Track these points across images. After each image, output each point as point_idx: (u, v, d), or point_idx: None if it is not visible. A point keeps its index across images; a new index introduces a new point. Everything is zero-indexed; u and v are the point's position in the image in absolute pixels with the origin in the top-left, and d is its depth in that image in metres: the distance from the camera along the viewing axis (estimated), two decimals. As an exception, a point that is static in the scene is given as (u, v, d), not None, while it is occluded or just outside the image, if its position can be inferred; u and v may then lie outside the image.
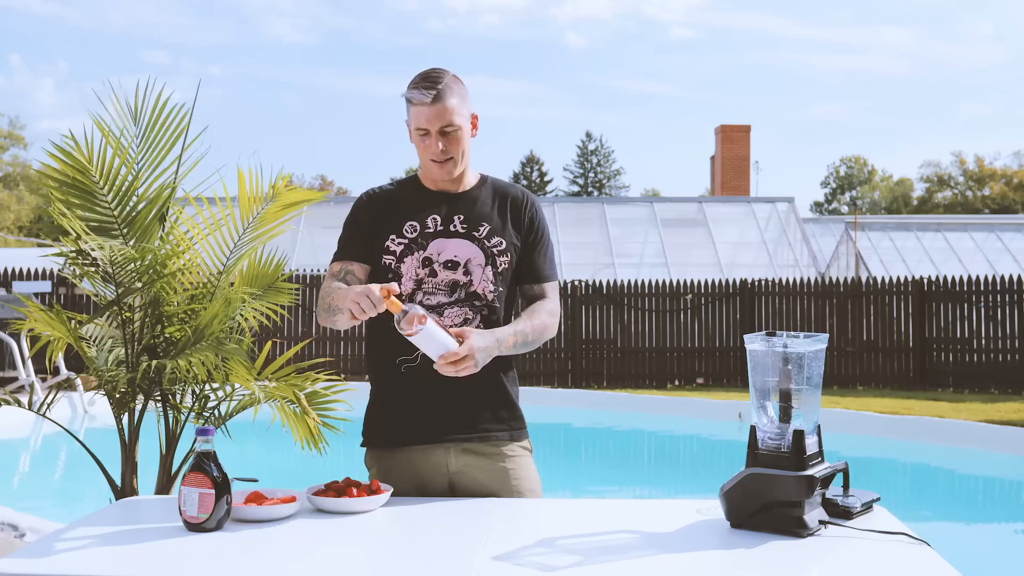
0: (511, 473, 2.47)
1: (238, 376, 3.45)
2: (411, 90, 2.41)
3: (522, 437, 2.54)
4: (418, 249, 2.47)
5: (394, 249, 2.47)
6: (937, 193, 56.29)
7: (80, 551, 1.91)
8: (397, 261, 2.47)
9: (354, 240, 2.51)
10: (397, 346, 2.38)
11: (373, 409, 2.54)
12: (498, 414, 2.50)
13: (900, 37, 79.54)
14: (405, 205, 2.51)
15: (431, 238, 2.48)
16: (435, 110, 2.38)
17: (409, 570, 1.84)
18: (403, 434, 2.47)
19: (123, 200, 3.58)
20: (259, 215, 3.71)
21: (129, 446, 3.61)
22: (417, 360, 2.42)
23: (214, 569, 1.85)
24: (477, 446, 2.47)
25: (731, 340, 14.17)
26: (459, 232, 2.49)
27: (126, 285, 3.48)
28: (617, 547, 1.93)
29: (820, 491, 2.03)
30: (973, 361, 13.48)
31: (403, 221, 2.48)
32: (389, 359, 2.47)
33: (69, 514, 6.12)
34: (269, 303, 3.86)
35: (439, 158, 2.43)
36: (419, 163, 2.55)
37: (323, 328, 14.28)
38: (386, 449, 2.50)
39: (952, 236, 21.30)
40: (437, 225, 2.49)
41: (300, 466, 3.69)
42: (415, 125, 2.42)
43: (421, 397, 2.45)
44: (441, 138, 2.41)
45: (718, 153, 25.43)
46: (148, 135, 3.64)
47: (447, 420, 2.45)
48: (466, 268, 2.48)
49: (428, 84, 2.39)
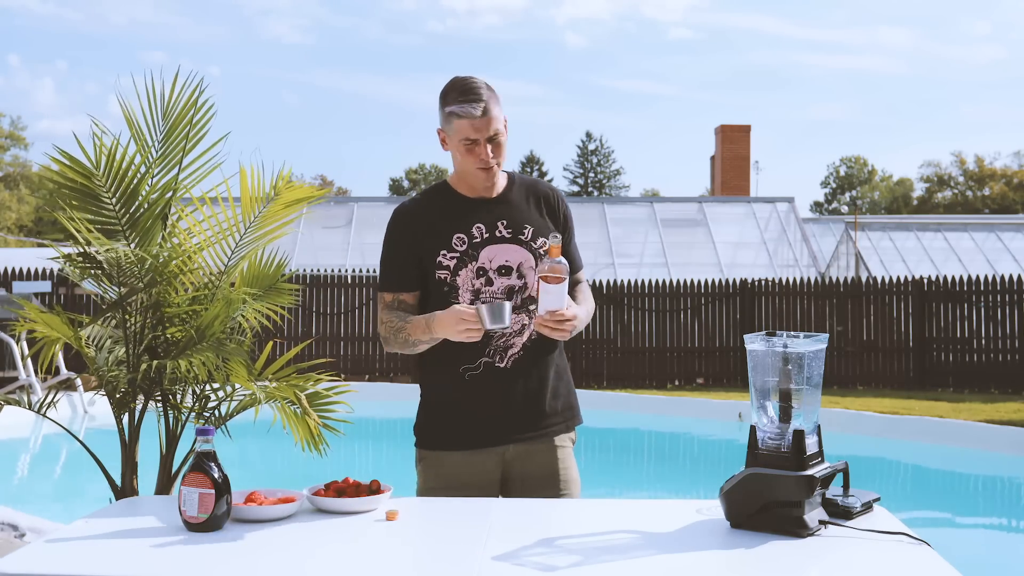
0: (560, 463, 2.59)
1: (238, 376, 3.45)
2: (458, 104, 2.44)
3: (573, 427, 2.67)
4: (470, 260, 2.52)
5: (447, 264, 2.52)
6: (937, 193, 56.29)
7: (80, 551, 1.91)
8: (452, 275, 2.51)
9: (402, 268, 2.55)
10: (460, 354, 2.50)
11: (431, 413, 2.62)
12: (555, 408, 2.61)
13: (899, 37, 79.56)
14: (447, 218, 2.54)
15: (480, 247, 2.53)
16: (484, 121, 2.45)
17: (409, 570, 1.84)
18: (466, 437, 2.55)
19: (128, 201, 3.57)
20: (261, 214, 3.70)
21: (129, 446, 3.60)
22: (480, 368, 2.52)
23: (214, 569, 1.85)
24: (534, 443, 2.58)
25: (731, 340, 14.17)
26: (505, 237, 2.55)
27: (129, 286, 3.48)
28: (617, 547, 1.93)
29: (820, 491, 2.03)
30: (973, 361, 13.47)
31: (450, 234, 2.52)
32: (452, 366, 2.54)
33: (69, 514, 6.12)
34: (270, 304, 3.85)
35: (488, 165, 2.49)
36: (455, 171, 2.58)
37: (323, 328, 14.29)
38: (445, 451, 2.57)
39: (952, 236, 21.29)
40: (483, 233, 2.54)
41: (300, 466, 3.69)
42: (461, 136, 2.46)
43: (486, 402, 2.53)
44: (489, 146, 2.47)
45: (718, 153, 25.42)
46: (172, 131, 3.62)
47: (511, 423, 2.55)
48: (519, 272, 2.55)
49: (474, 97, 2.45)
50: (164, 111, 3.60)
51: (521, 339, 2.54)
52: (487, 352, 2.51)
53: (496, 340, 2.51)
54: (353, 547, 1.97)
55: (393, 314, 2.53)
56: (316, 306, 14.30)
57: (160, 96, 3.59)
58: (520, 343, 2.54)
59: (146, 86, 3.57)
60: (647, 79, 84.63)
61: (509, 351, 2.53)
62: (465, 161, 2.49)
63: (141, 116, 3.58)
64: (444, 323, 2.37)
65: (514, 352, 2.53)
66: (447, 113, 2.47)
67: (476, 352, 2.50)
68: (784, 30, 78.75)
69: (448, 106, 2.46)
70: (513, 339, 2.53)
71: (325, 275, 14.58)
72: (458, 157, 2.51)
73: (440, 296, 2.51)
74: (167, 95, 3.59)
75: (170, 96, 3.59)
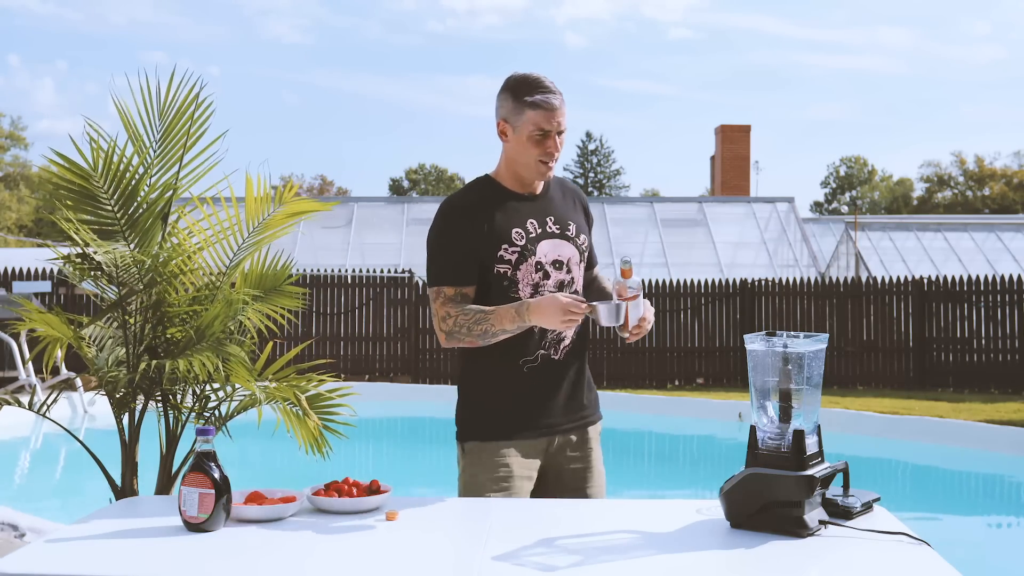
0: (593, 454, 2.68)
1: (239, 377, 3.45)
2: (540, 95, 2.50)
3: (599, 415, 2.76)
4: (529, 255, 2.56)
5: (508, 258, 2.54)
6: (937, 193, 56.30)
7: (80, 551, 1.91)
8: (512, 269, 2.54)
9: (464, 261, 2.54)
10: (520, 347, 2.54)
11: (483, 405, 2.61)
12: (590, 399, 2.72)
13: (899, 37, 79.57)
14: (504, 212, 2.57)
15: (536, 242, 2.58)
16: (560, 112, 2.52)
17: (409, 570, 1.84)
18: (520, 428, 2.57)
19: (127, 202, 3.57)
20: (264, 221, 3.71)
21: (129, 446, 3.60)
22: (538, 361, 2.57)
23: (214, 569, 1.85)
24: (573, 435, 2.65)
25: (731, 340, 14.17)
26: (555, 233, 2.62)
27: (129, 286, 3.48)
28: (617, 547, 1.93)
29: (820, 491, 2.03)
30: (973, 361, 13.47)
31: (509, 229, 2.55)
32: (511, 359, 2.56)
33: (69, 514, 6.12)
34: (274, 305, 3.84)
35: (553, 158, 2.55)
36: (506, 164, 2.60)
37: (323, 328, 14.29)
38: (497, 441, 2.57)
39: (952, 236, 21.29)
40: (536, 228, 2.59)
41: (300, 466, 3.69)
42: (534, 127, 2.50)
43: (541, 393, 2.59)
44: (556, 139, 2.53)
45: (718, 153, 25.42)
46: (170, 130, 3.62)
47: (560, 413, 2.62)
48: (568, 267, 2.63)
49: (551, 90, 2.52)
50: (160, 110, 3.59)
51: (571, 332, 2.61)
52: (544, 345, 2.57)
53: (552, 333, 2.57)
54: (353, 547, 1.97)
55: (461, 307, 2.50)
56: (316, 306, 14.30)
57: (156, 95, 3.58)
58: (570, 336, 2.61)
59: (140, 85, 3.55)
60: (647, 79, 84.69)
61: (562, 344, 2.60)
62: (530, 153, 2.53)
63: (137, 116, 3.57)
64: (545, 311, 2.38)
65: (565, 345, 2.61)
66: (524, 102, 2.50)
67: (535, 345, 2.56)
68: (784, 30, 78.79)
69: (526, 96, 2.50)
70: (565, 332, 2.59)
71: (325, 275, 14.58)
72: (521, 149, 2.54)
73: (499, 291, 2.53)
74: (163, 94, 3.58)
75: (166, 95, 3.58)
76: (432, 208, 19.74)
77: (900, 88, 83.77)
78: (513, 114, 2.53)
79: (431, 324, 14.53)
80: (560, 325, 2.38)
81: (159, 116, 3.60)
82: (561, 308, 2.36)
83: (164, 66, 3.57)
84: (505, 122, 2.56)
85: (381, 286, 14.46)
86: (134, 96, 3.55)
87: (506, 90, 2.56)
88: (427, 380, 14.23)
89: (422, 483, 8.36)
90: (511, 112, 2.54)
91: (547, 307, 2.38)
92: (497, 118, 2.59)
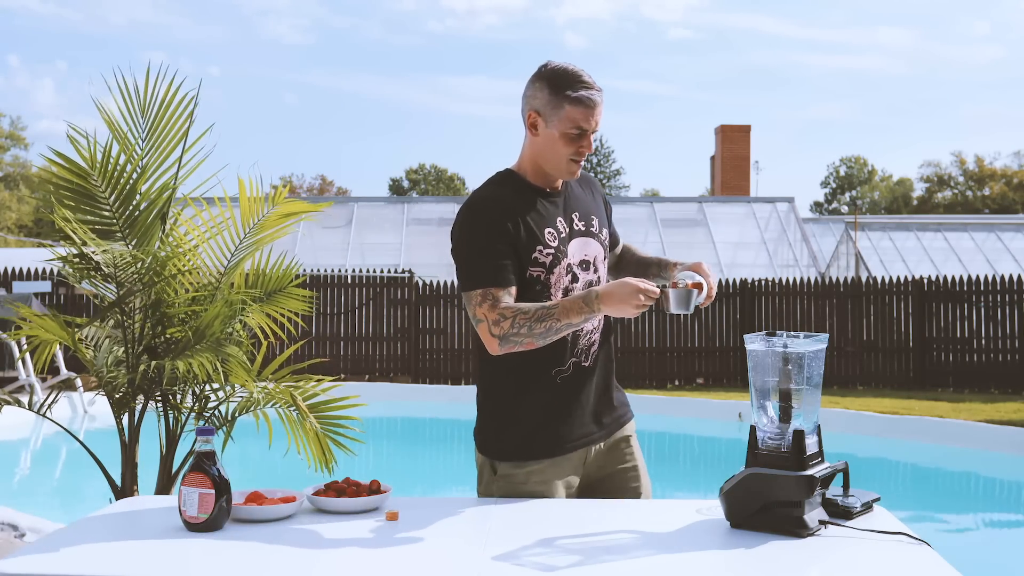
0: (634, 452, 2.57)
1: (237, 377, 3.45)
2: (584, 90, 2.34)
3: (631, 412, 2.63)
4: (562, 257, 2.41)
5: (543, 260, 2.37)
6: (937, 193, 56.29)
7: (80, 551, 1.91)
8: (546, 272, 2.38)
9: (508, 260, 2.34)
10: (552, 356, 2.39)
11: (515, 422, 2.43)
12: (620, 399, 2.60)
13: (898, 37, 79.58)
14: (535, 211, 2.40)
15: (567, 242, 2.43)
16: (598, 110, 2.37)
17: (409, 570, 1.84)
18: (556, 444, 2.42)
19: (125, 201, 3.57)
20: (259, 223, 3.71)
21: (129, 446, 3.60)
22: (570, 369, 2.43)
23: (214, 569, 1.85)
24: (609, 440, 2.53)
25: (731, 340, 14.17)
26: (581, 231, 2.47)
27: (127, 286, 3.48)
28: (617, 547, 1.93)
29: (820, 491, 2.03)
30: (973, 361, 13.47)
31: (542, 228, 2.39)
32: (543, 369, 2.40)
33: (69, 514, 6.12)
34: (280, 308, 3.84)
35: (584, 157, 2.40)
36: (532, 159, 2.43)
37: (323, 328, 14.29)
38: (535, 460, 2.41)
39: (952, 236, 21.29)
40: (565, 227, 2.44)
41: (300, 466, 3.68)
42: (571, 123, 2.34)
43: (576, 403, 2.44)
44: (590, 137, 2.38)
45: (718, 153, 25.42)
46: (155, 128, 3.61)
47: (594, 421, 2.49)
48: (594, 266, 2.49)
49: (590, 84, 2.36)
50: (142, 108, 3.59)
51: (598, 335, 2.48)
52: (576, 352, 2.43)
53: (583, 339, 2.43)
54: (353, 547, 1.96)
55: (517, 307, 2.28)
56: (316, 306, 14.30)
57: (136, 93, 3.58)
58: (598, 339, 2.48)
59: (119, 84, 3.55)
60: (647, 79, 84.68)
61: (592, 349, 2.46)
62: (561, 150, 2.37)
63: (120, 115, 3.57)
64: (617, 297, 2.19)
65: (595, 350, 2.47)
66: (564, 96, 2.33)
67: (567, 353, 2.41)
68: (784, 30, 78.80)
69: (568, 90, 2.33)
70: (594, 336, 2.47)
71: (325, 275, 14.58)
72: (552, 144, 2.37)
73: (531, 296, 2.35)
74: (143, 91, 3.58)
75: (146, 92, 3.58)
76: (432, 208, 19.74)
77: (900, 88, 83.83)
78: (549, 107, 2.35)
79: (431, 324, 14.67)
80: (633, 311, 2.19)
81: (141, 114, 3.59)
82: (636, 292, 2.17)
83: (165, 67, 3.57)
84: (537, 114, 2.37)
85: (381, 286, 14.46)
86: (113, 95, 3.55)
87: (541, 79, 2.37)
88: (427, 380, 14.23)
89: (422, 483, 8.37)
90: (546, 105, 2.35)
91: (619, 292, 2.19)
92: (527, 108, 2.40)
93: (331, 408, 3.62)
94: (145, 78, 3.56)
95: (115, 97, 3.56)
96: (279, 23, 78.32)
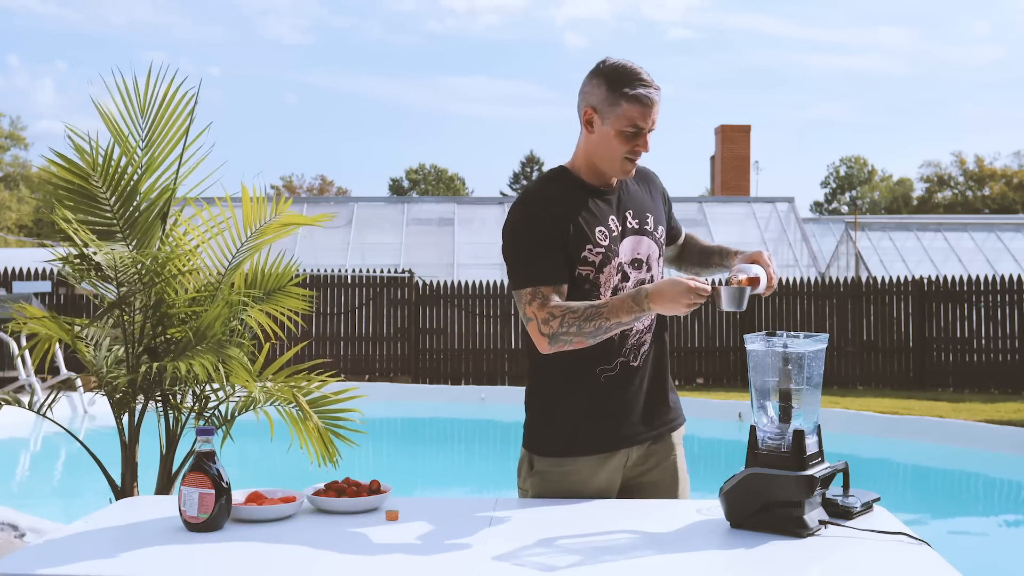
0: (677, 461, 2.54)
1: (238, 377, 3.45)
2: (643, 88, 2.31)
3: (682, 419, 2.58)
4: (613, 256, 2.37)
5: (592, 259, 2.35)
6: (937, 193, 56.28)
7: (80, 551, 1.91)
8: (596, 272, 2.35)
9: (557, 259, 2.32)
10: (598, 356, 2.36)
11: (559, 419, 2.42)
12: (674, 400, 2.56)
13: (898, 37, 79.58)
14: (586, 209, 2.37)
15: (618, 241, 2.40)
16: (656, 109, 2.34)
17: (409, 570, 1.84)
18: (599, 441, 2.41)
19: (126, 202, 3.57)
20: (260, 228, 3.71)
21: (129, 446, 3.60)
22: (616, 369, 2.40)
23: (214, 569, 1.85)
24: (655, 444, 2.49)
25: (731, 340, 14.17)
26: (635, 229, 2.43)
27: (128, 286, 3.48)
28: (617, 547, 1.93)
29: (820, 491, 2.03)
30: (973, 361, 13.48)
31: (593, 227, 2.36)
32: (588, 369, 2.39)
33: (69, 514, 6.12)
34: (280, 308, 3.84)
35: (640, 156, 2.37)
36: (585, 156, 2.41)
37: (323, 328, 14.29)
38: (574, 457, 2.40)
39: (952, 236, 21.29)
40: (617, 226, 2.40)
41: (300, 466, 3.69)
42: (628, 121, 2.31)
43: (622, 403, 2.42)
44: (647, 136, 2.35)
45: (718, 153, 25.42)
46: (155, 128, 3.61)
47: (641, 421, 2.45)
48: (647, 264, 2.45)
49: (648, 82, 2.32)
50: (142, 107, 3.59)
51: (650, 335, 2.45)
52: (623, 351, 2.40)
53: (632, 338, 2.40)
54: (353, 547, 1.96)
55: (566, 306, 2.26)
56: (316, 306, 14.30)
57: (136, 92, 3.57)
58: (649, 339, 2.45)
59: (118, 84, 3.55)
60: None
61: (641, 348, 2.43)
62: (616, 149, 2.34)
63: (119, 115, 3.57)
64: (667, 296, 2.16)
65: (645, 349, 2.44)
66: (622, 94, 2.30)
67: (614, 352, 2.38)
68: (784, 30, 78.80)
69: (625, 87, 2.30)
70: (645, 336, 2.43)
71: (325, 275, 14.58)
72: (607, 143, 2.34)
73: (580, 295, 2.33)
74: (143, 91, 3.57)
75: (145, 91, 3.58)
76: (432, 208, 19.73)
77: (900, 88, 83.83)
78: (606, 104, 2.32)
79: (431, 324, 14.68)
80: (683, 310, 2.16)
81: (141, 114, 3.59)
82: (686, 290, 2.14)
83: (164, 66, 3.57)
84: (593, 111, 2.34)
85: (381, 286, 14.46)
86: (112, 96, 3.54)
87: (599, 76, 2.34)
88: (427, 380, 14.23)
89: (422, 483, 8.37)
90: (603, 101, 2.32)
91: (669, 291, 2.16)
92: (583, 105, 2.37)
93: (332, 402, 3.62)
94: (146, 78, 3.55)
95: (114, 97, 3.55)
96: (279, 23, 78.34)
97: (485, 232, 18.54)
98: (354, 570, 1.86)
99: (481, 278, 14.97)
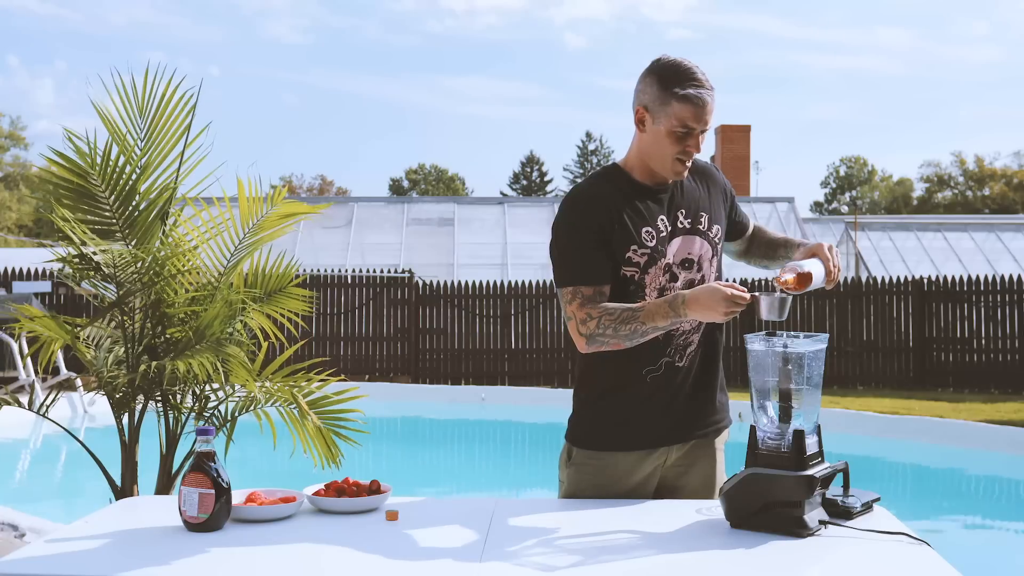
0: (717, 466, 2.50)
1: (238, 377, 3.45)
2: (694, 88, 2.27)
3: (728, 421, 2.56)
4: (659, 257, 2.34)
5: (637, 260, 2.32)
6: (937, 193, 56.27)
7: (80, 551, 1.91)
8: (641, 273, 2.33)
9: (600, 259, 2.31)
10: (642, 355, 2.35)
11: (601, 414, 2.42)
12: (722, 402, 2.53)
13: (897, 37, 79.58)
14: (634, 208, 2.34)
15: (666, 242, 2.36)
16: (708, 109, 2.29)
17: (409, 569, 1.84)
18: (639, 438, 2.40)
19: (125, 201, 3.57)
20: (258, 223, 3.71)
21: (129, 446, 3.60)
22: (661, 369, 2.39)
23: (214, 569, 1.85)
24: (696, 446, 2.47)
25: (731, 340, 14.15)
26: (686, 228, 2.40)
27: (127, 286, 3.48)
28: (617, 547, 1.93)
29: (820, 491, 2.03)
30: (973, 361, 13.48)
31: (639, 227, 2.33)
32: (633, 368, 2.37)
33: (69, 514, 6.11)
34: (280, 308, 3.83)
35: (692, 157, 2.34)
36: (638, 155, 2.38)
37: (323, 328, 14.29)
38: (612, 451, 2.40)
39: (952, 236, 21.29)
40: (666, 226, 2.37)
41: (300, 466, 3.69)
42: (680, 121, 2.27)
43: (665, 402, 2.40)
44: (699, 137, 2.32)
45: (718, 153, 25.41)
46: (153, 128, 3.60)
47: (683, 421, 2.43)
48: (698, 265, 2.42)
49: (701, 82, 2.28)
50: (140, 107, 3.58)
51: (697, 335, 2.42)
52: (668, 351, 2.38)
53: (677, 339, 2.38)
54: (353, 547, 1.96)
55: (603, 307, 2.26)
56: (316, 306, 14.30)
57: (134, 92, 3.57)
58: (696, 340, 2.42)
59: (116, 84, 3.54)
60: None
61: (687, 349, 2.41)
62: (667, 149, 2.30)
63: (118, 115, 3.56)
64: (704, 303, 2.16)
65: (691, 350, 2.42)
66: (673, 93, 2.26)
67: (658, 352, 2.36)
68: (783, 30, 78.79)
69: (677, 87, 2.26)
70: (692, 336, 2.41)
71: (325, 275, 14.58)
72: (658, 142, 2.31)
73: (624, 295, 2.31)
74: (141, 91, 3.57)
75: (144, 91, 3.57)
76: (432, 208, 19.73)
77: (899, 88, 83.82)
78: (657, 103, 2.29)
79: (431, 324, 14.68)
80: (721, 317, 2.16)
81: (140, 113, 3.59)
82: (724, 299, 2.14)
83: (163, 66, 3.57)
84: (645, 110, 2.32)
85: (381, 286, 14.46)
86: (111, 95, 3.53)
87: (652, 75, 2.31)
88: (427, 380, 14.23)
89: (422, 483, 8.36)
90: (655, 101, 2.29)
91: (706, 299, 2.15)
92: (636, 104, 2.34)
93: (333, 403, 3.62)
94: (144, 78, 3.55)
95: (113, 97, 3.55)
96: (279, 23, 78.35)
97: (485, 232, 18.55)
98: (354, 570, 1.86)
99: (481, 278, 14.97)
